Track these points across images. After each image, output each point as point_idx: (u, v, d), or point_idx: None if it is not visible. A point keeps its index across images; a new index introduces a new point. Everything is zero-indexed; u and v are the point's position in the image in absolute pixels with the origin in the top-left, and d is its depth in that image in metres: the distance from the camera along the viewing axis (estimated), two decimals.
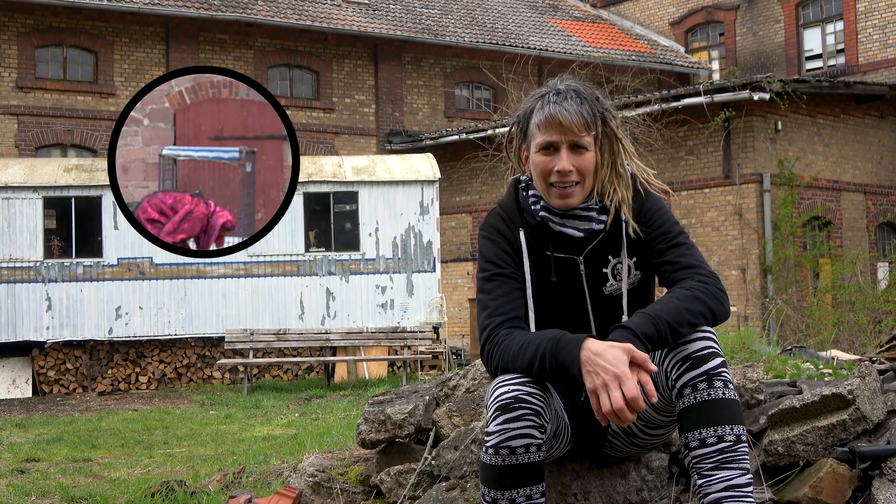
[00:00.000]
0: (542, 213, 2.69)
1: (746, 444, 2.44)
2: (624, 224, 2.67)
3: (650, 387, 2.36)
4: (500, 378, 2.51)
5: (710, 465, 2.41)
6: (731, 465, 2.40)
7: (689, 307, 2.50)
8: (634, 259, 2.71)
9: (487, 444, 2.45)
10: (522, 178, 2.79)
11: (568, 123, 2.59)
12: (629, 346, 2.36)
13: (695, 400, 2.44)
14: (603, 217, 2.69)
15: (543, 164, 2.64)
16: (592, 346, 2.38)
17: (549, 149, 2.63)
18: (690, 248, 2.67)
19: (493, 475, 2.46)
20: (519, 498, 2.46)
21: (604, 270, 2.71)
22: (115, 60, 19.41)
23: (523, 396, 2.43)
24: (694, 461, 2.43)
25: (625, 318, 2.65)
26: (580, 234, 2.68)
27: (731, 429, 2.41)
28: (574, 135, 2.60)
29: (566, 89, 2.66)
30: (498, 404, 2.44)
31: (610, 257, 2.70)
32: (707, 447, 2.41)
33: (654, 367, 2.37)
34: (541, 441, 2.44)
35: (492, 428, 2.44)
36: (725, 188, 16.58)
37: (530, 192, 2.74)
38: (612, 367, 2.32)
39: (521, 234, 2.70)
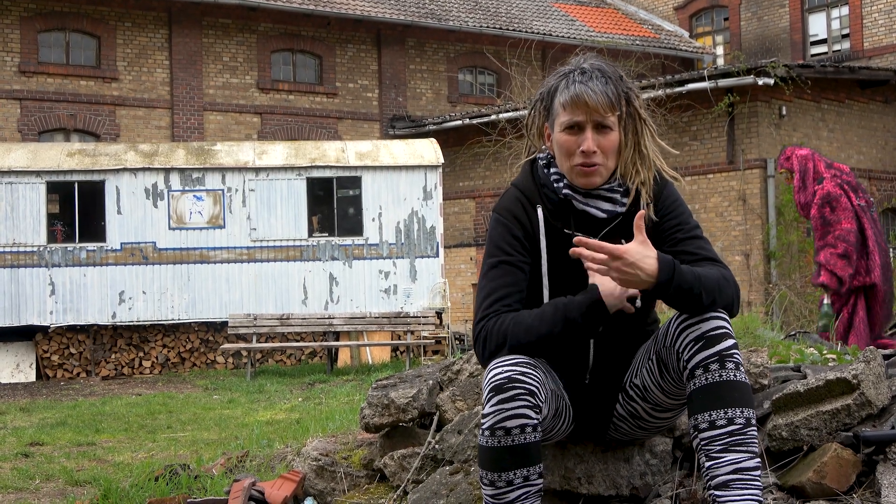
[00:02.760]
0: (565, 191, 2.68)
1: (756, 428, 2.44)
2: (644, 207, 2.66)
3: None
4: (495, 360, 2.51)
5: (718, 448, 2.41)
6: (740, 448, 2.40)
7: (721, 284, 2.53)
8: None
9: (483, 426, 2.46)
10: (541, 155, 2.78)
11: (594, 104, 2.57)
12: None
13: (706, 381, 2.44)
14: (625, 199, 2.68)
15: (568, 143, 2.63)
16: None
17: (574, 128, 2.62)
18: (707, 242, 2.69)
19: (490, 456, 2.47)
20: (516, 479, 2.47)
21: None
22: (118, 45, 19.36)
23: (517, 377, 2.44)
24: (702, 443, 2.43)
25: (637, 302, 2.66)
26: (603, 215, 2.68)
27: (742, 411, 2.42)
28: (599, 115, 2.59)
29: (591, 68, 2.64)
30: (492, 385, 2.45)
31: (623, 240, 2.70)
32: (716, 429, 2.41)
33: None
34: (536, 421, 2.44)
35: (487, 409, 2.45)
36: (729, 174, 16.54)
37: (552, 170, 2.72)
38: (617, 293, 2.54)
39: (540, 210, 2.70)
